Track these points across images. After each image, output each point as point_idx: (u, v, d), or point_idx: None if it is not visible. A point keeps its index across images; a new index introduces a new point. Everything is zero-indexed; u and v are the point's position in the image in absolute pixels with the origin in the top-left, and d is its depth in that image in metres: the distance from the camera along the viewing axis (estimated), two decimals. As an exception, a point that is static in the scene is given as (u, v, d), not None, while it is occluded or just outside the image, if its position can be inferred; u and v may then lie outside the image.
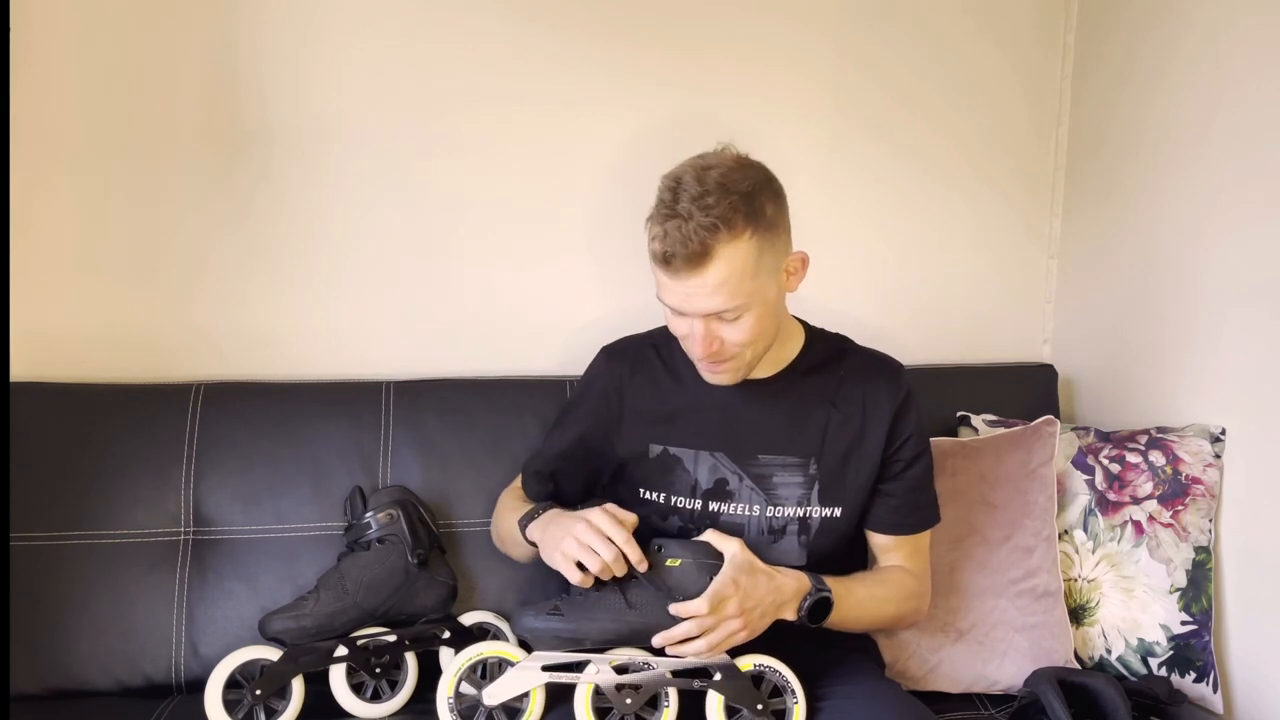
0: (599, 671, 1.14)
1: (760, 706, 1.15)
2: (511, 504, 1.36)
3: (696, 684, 1.15)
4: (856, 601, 1.25)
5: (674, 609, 1.12)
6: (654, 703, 1.16)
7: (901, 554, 1.33)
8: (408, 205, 1.62)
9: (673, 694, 1.16)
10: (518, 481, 1.41)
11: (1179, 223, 1.56)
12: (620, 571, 1.13)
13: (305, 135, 1.57)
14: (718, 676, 1.15)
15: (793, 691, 1.17)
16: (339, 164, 1.59)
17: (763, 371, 1.28)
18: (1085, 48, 1.78)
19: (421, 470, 1.48)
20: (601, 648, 1.15)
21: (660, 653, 1.14)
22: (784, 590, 1.17)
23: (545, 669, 1.15)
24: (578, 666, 1.15)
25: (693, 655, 1.13)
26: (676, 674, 1.15)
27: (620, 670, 1.14)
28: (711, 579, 1.13)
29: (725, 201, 1.08)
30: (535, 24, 1.61)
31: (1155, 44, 1.61)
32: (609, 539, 1.12)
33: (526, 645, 1.19)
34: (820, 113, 1.73)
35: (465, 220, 1.64)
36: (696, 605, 1.11)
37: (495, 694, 1.14)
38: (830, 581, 1.22)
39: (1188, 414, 1.55)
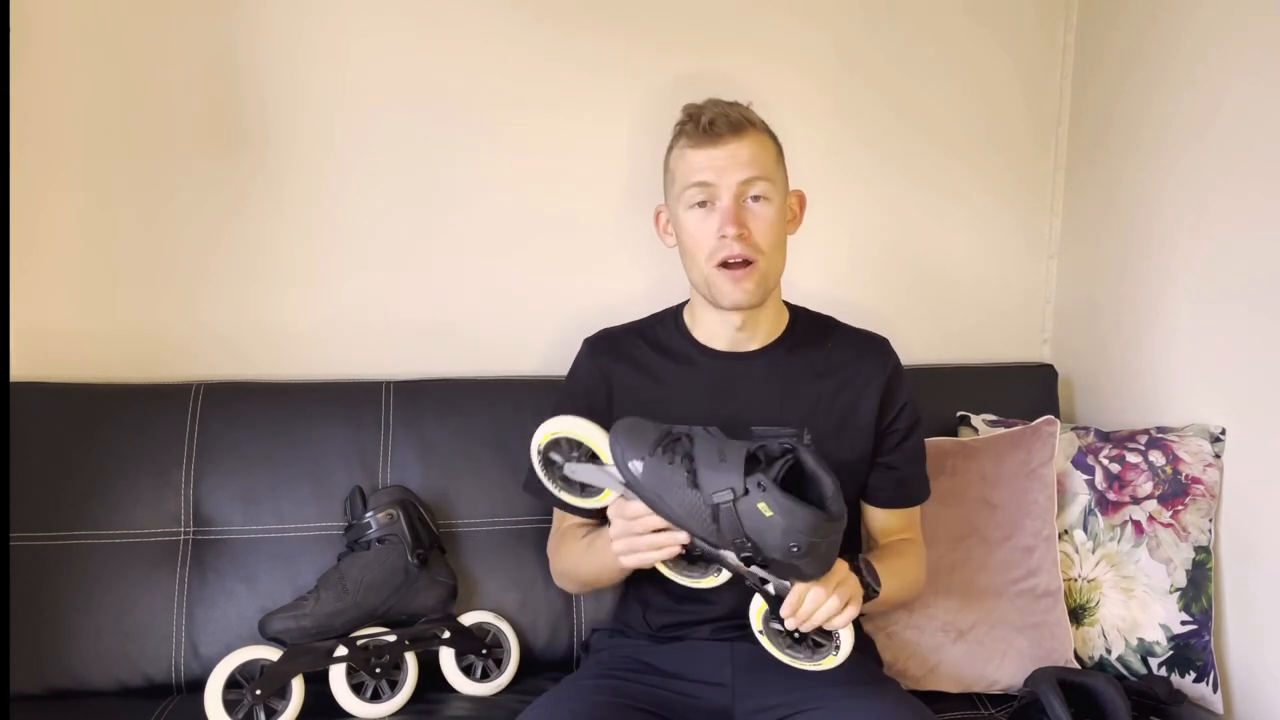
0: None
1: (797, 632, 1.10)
2: (578, 548, 1.32)
3: (747, 582, 1.11)
4: (891, 569, 1.22)
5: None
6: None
7: (903, 527, 1.35)
8: (407, 205, 1.62)
9: (724, 573, 1.12)
10: (562, 527, 1.39)
11: (1179, 222, 1.56)
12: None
13: (305, 135, 1.57)
14: (770, 589, 1.10)
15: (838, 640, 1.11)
16: (339, 164, 1.59)
17: (752, 344, 1.30)
18: (1085, 48, 1.78)
19: (421, 470, 1.48)
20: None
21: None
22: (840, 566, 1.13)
23: (623, 483, 1.11)
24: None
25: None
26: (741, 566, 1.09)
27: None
28: (795, 548, 1.02)
29: (747, 108, 1.26)
30: (536, 24, 1.61)
31: (1155, 44, 1.61)
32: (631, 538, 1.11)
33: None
34: (819, 113, 1.73)
35: (465, 220, 1.64)
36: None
37: (575, 472, 1.14)
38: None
39: (1188, 414, 1.55)
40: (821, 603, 1.06)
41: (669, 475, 1.05)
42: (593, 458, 1.14)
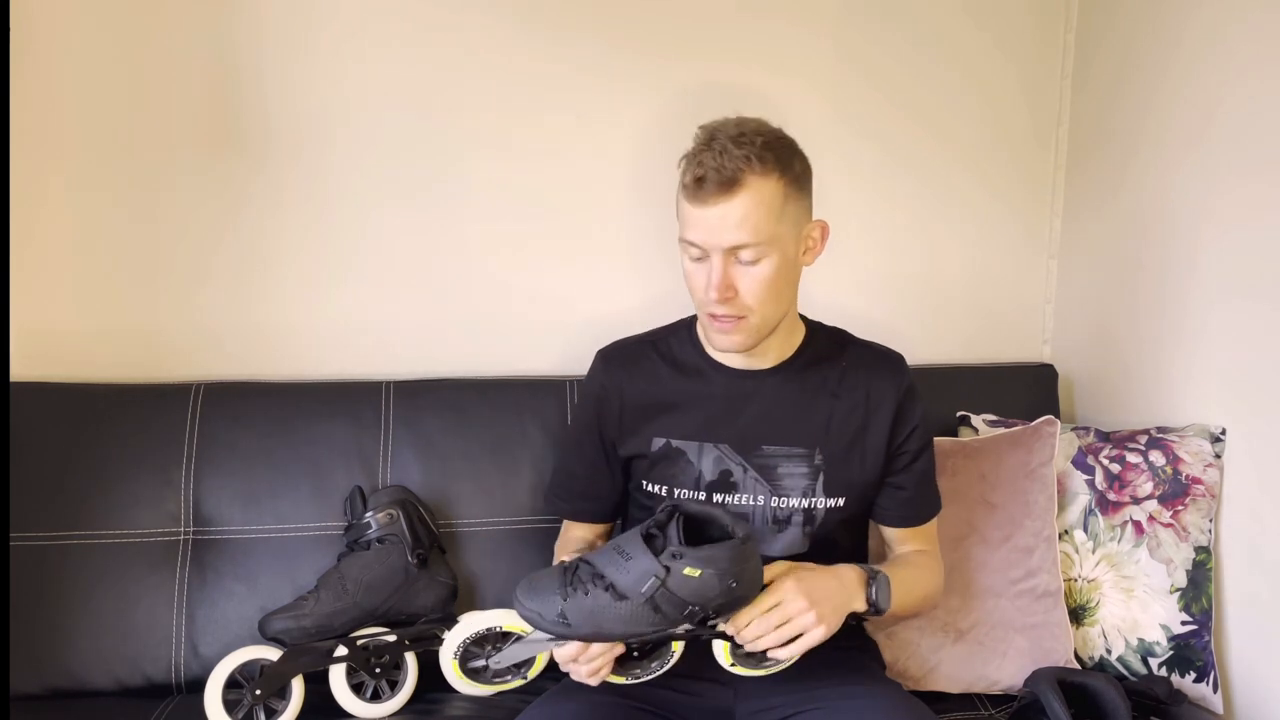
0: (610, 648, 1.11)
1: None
2: None
3: (703, 637, 1.14)
4: (905, 587, 1.24)
5: (725, 628, 1.12)
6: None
7: (917, 541, 1.35)
8: (407, 205, 1.62)
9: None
10: (568, 535, 1.39)
11: (1179, 222, 1.56)
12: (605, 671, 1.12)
13: (305, 135, 1.57)
14: (727, 628, 1.13)
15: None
16: (339, 164, 1.59)
17: (766, 362, 1.28)
18: (1085, 48, 1.78)
19: (421, 470, 1.48)
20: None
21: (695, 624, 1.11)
22: (846, 578, 1.17)
23: (551, 638, 1.11)
24: None
25: (780, 657, 1.13)
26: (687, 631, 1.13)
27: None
28: (735, 584, 1.07)
29: (759, 141, 1.13)
30: (537, 26, 1.61)
31: (1155, 43, 1.61)
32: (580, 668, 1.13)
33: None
34: (819, 115, 1.73)
35: (465, 220, 1.64)
36: (749, 613, 1.10)
37: (502, 660, 1.15)
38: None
39: (1188, 414, 1.55)
40: (768, 628, 1.10)
41: (593, 604, 1.07)
42: (503, 638, 1.16)
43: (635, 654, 1.14)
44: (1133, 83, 1.66)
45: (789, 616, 1.10)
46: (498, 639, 1.17)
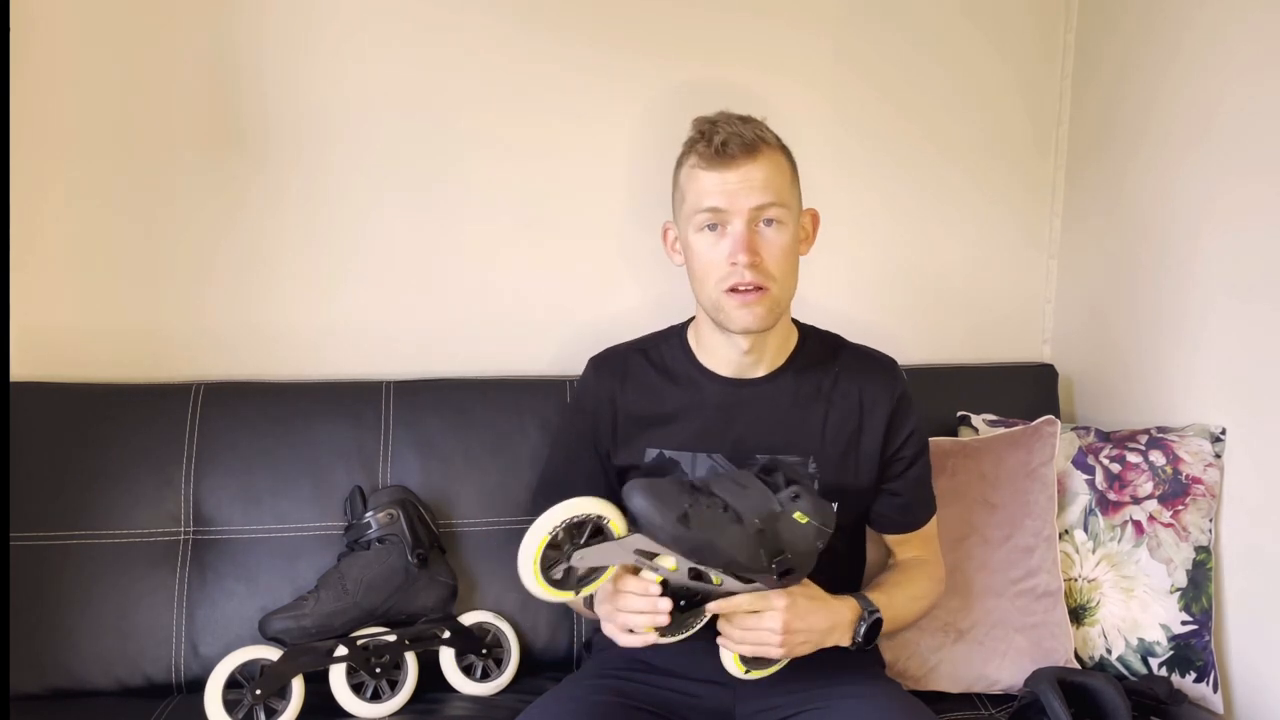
0: (677, 569, 1.10)
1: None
2: None
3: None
4: (898, 610, 1.26)
5: (712, 606, 1.12)
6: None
7: (915, 544, 1.35)
8: (408, 205, 1.62)
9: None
10: None
11: (1179, 222, 1.56)
12: (663, 619, 1.10)
13: (305, 135, 1.57)
14: (713, 606, 1.14)
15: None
16: (339, 163, 1.59)
17: (759, 370, 1.28)
18: (1085, 48, 1.78)
19: (421, 470, 1.48)
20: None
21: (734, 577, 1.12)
22: (840, 619, 1.17)
23: (636, 551, 1.10)
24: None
25: (724, 643, 1.15)
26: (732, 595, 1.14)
27: (694, 575, 1.11)
28: (820, 546, 1.11)
29: (762, 124, 1.20)
30: (537, 26, 1.61)
31: (1155, 44, 1.61)
32: (643, 603, 1.11)
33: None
34: (818, 115, 1.73)
35: (465, 220, 1.64)
36: (739, 600, 1.12)
37: (585, 559, 1.09)
38: (873, 598, 1.23)
39: (1188, 414, 1.55)
40: (740, 628, 1.13)
41: (715, 519, 1.08)
42: (593, 537, 1.10)
43: (683, 605, 1.12)
44: (1133, 83, 1.66)
45: (759, 627, 1.12)
46: (583, 535, 1.10)
